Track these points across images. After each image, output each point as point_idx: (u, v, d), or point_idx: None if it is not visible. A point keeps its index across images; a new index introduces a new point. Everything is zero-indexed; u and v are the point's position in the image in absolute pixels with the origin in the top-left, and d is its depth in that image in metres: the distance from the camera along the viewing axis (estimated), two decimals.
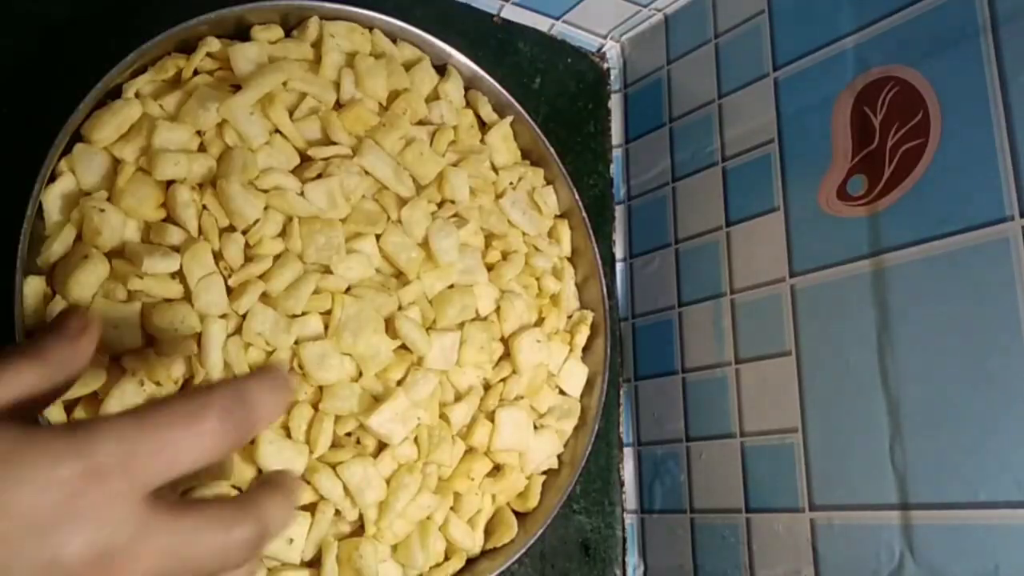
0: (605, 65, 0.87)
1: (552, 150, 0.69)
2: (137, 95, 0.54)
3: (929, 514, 0.52)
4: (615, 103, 0.86)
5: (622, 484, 0.76)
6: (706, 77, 0.74)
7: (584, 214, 0.69)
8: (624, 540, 0.74)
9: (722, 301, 0.69)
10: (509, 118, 0.68)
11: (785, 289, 0.63)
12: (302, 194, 0.54)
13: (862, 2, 0.61)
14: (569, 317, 0.68)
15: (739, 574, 0.64)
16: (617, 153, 0.84)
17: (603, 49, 0.87)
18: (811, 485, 0.59)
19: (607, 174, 0.83)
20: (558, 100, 0.70)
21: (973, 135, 0.53)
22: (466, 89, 0.68)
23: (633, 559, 0.74)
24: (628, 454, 0.77)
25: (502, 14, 0.80)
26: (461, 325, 0.59)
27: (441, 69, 0.66)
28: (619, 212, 0.82)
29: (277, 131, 0.56)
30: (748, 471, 0.64)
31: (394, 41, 0.64)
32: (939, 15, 0.56)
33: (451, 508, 0.58)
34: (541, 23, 0.82)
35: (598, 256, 0.68)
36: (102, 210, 0.49)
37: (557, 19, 0.82)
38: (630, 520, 0.75)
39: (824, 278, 0.61)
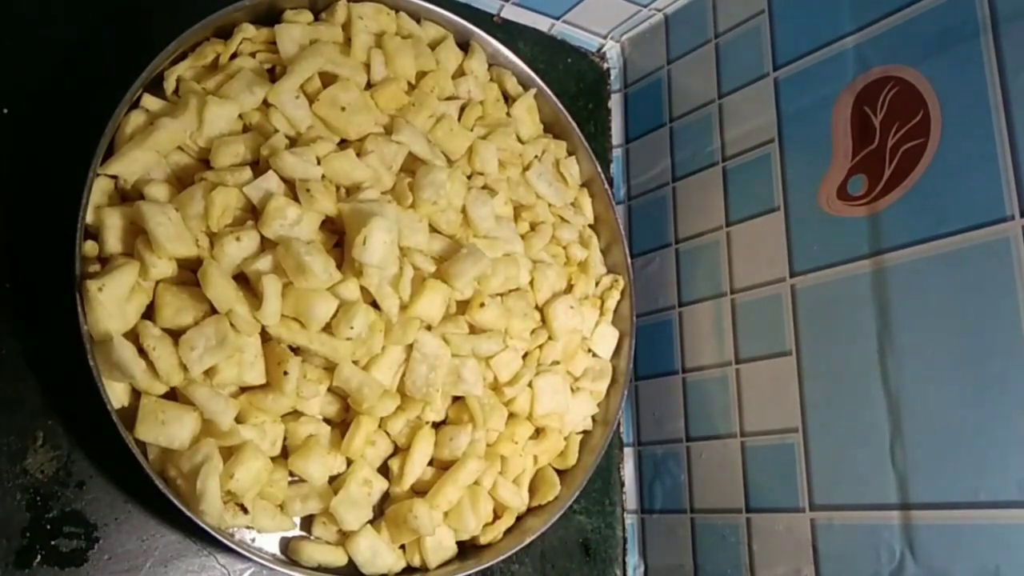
0: (605, 65, 0.87)
1: (573, 122, 0.72)
2: (179, 81, 0.56)
3: (929, 514, 0.52)
4: (615, 103, 0.86)
5: (622, 484, 0.76)
6: (706, 77, 0.74)
7: (605, 183, 0.72)
8: (624, 540, 0.74)
9: (722, 301, 0.69)
10: (533, 90, 0.71)
11: (785, 289, 0.63)
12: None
13: (862, 2, 0.61)
14: (597, 283, 0.70)
15: (740, 574, 0.64)
16: (617, 153, 0.84)
17: (603, 49, 0.87)
18: (811, 485, 0.59)
19: (607, 174, 0.83)
20: (558, 100, 0.71)
21: (973, 135, 0.53)
22: (489, 65, 0.70)
23: (633, 559, 0.74)
24: (628, 454, 0.77)
25: (502, 14, 0.80)
26: (504, 295, 0.62)
27: (464, 46, 0.69)
28: (619, 212, 0.82)
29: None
30: (748, 471, 0.64)
31: (418, 21, 0.66)
32: (939, 15, 0.56)
33: (499, 472, 0.61)
34: (541, 23, 0.82)
35: (619, 222, 0.72)
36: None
37: (557, 19, 0.82)
38: (630, 520, 0.75)
39: (824, 278, 0.61)
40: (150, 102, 0.55)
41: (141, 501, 0.53)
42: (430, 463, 0.59)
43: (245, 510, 0.51)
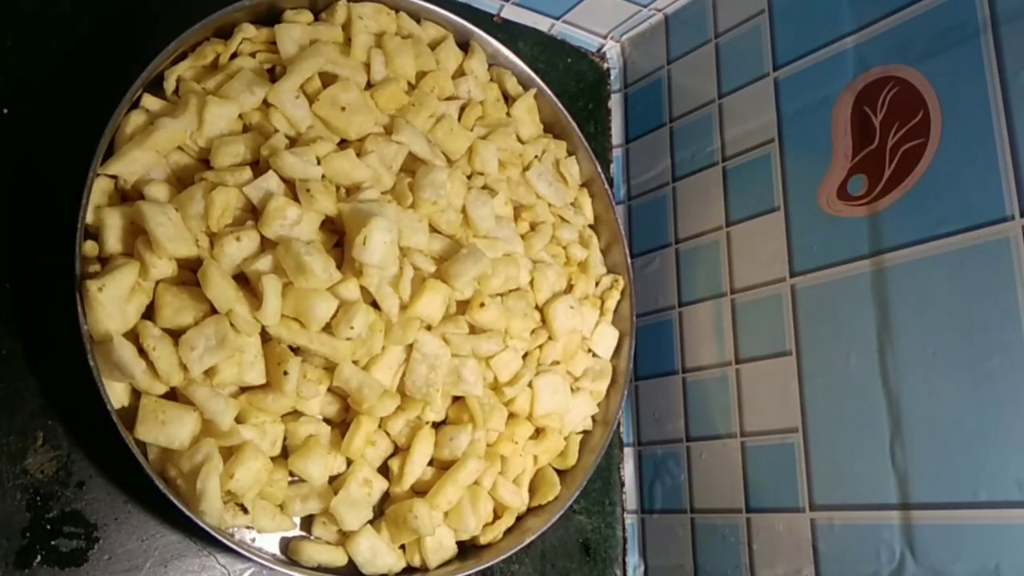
0: (605, 65, 0.87)
1: (573, 122, 0.72)
2: (179, 81, 0.56)
3: (929, 514, 0.52)
4: (615, 103, 0.86)
5: (622, 484, 0.76)
6: (706, 77, 0.74)
7: (605, 183, 0.72)
8: (624, 540, 0.74)
9: (722, 301, 0.69)
10: (533, 90, 0.71)
11: (785, 289, 0.63)
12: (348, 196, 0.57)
13: (862, 2, 0.61)
14: (596, 283, 0.70)
15: (740, 574, 0.64)
16: (617, 153, 0.84)
17: (603, 49, 0.87)
18: (811, 485, 0.59)
19: (607, 174, 0.83)
20: (558, 100, 0.71)
21: (973, 135, 0.53)
22: (489, 65, 0.70)
23: (633, 559, 0.74)
24: (628, 454, 0.77)
25: (502, 14, 0.80)
26: (504, 295, 0.62)
27: (464, 46, 0.69)
28: (619, 212, 0.82)
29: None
30: (748, 471, 0.64)
31: (418, 21, 0.66)
32: (939, 15, 0.56)
33: (499, 472, 0.61)
34: (541, 23, 0.82)
35: (619, 222, 0.72)
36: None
37: (557, 19, 0.82)
38: (630, 520, 0.75)
39: (824, 278, 0.61)
40: (150, 102, 0.55)
41: (141, 501, 0.53)
42: (430, 463, 0.59)
43: (245, 510, 0.51)
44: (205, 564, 0.54)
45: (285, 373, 0.51)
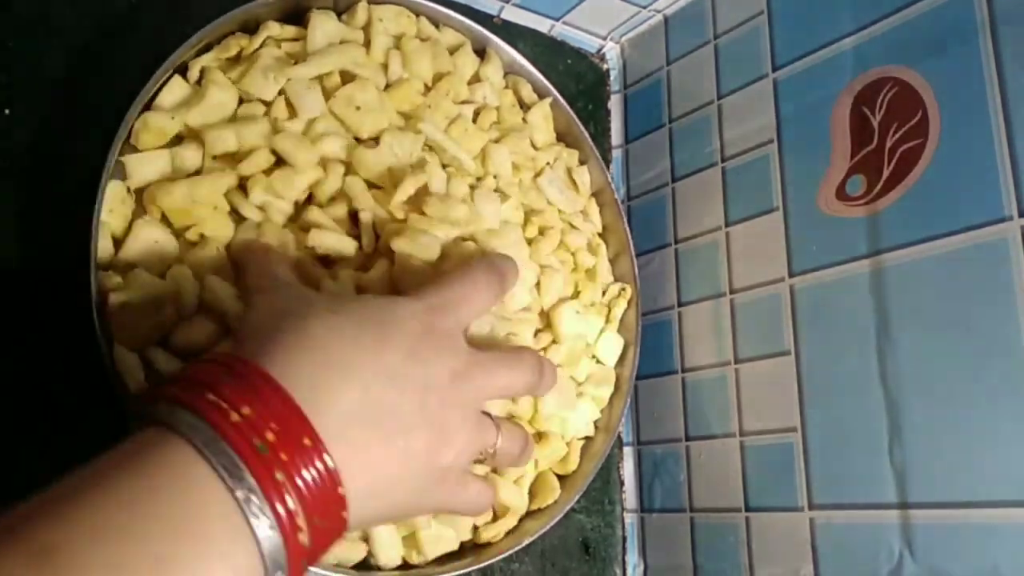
0: (605, 66, 0.87)
1: (586, 132, 0.72)
2: (202, 71, 0.56)
3: (928, 513, 0.52)
4: (615, 104, 0.86)
5: (622, 483, 0.76)
6: (706, 78, 0.74)
7: (615, 193, 0.72)
8: (624, 539, 0.75)
9: (722, 301, 0.69)
10: (549, 99, 0.71)
11: (784, 289, 0.63)
12: None
13: (861, 3, 0.62)
14: (603, 292, 0.70)
15: (739, 573, 0.64)
16: (617, 153, 0.84)
17: (603, 50, 0.87)
18: (810, 484, 0.59)
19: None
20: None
21: (972, 135, 0.53)
22: (505, 73, 0.70)
23: (633, 558, 0.74)
24: (628, 453, 0.77)
25: (502, 15, 0.80)
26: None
27: (480, 53, 0.69)
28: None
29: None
30: (748, 470, 0.65)
31: (436, 27, 0.67)
32: (938, 16, 0.56)
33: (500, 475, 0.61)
34: (541, 24, 0.83)
35: (628, 233, 0.71)
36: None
37: (557, 20, 0.82)
38: (630, 519, 0.75)
39: (823, 278, 0.61)
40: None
41: None
42: None
43: None
44: None
45: None
